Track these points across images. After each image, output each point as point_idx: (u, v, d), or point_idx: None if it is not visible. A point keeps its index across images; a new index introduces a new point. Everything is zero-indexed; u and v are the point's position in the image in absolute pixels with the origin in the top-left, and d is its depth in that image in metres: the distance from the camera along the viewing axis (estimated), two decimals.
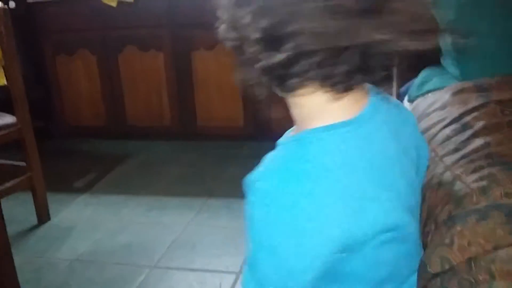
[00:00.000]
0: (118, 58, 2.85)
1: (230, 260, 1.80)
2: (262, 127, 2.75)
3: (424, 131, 0.89)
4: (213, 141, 2.91)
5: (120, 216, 2.19)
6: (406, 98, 1.23)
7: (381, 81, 0.59)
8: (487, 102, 0.84)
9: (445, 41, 1.12)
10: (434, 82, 1.13)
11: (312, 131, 0.61)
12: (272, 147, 2.61)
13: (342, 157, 0.58)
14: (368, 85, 0.62)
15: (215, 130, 2.85)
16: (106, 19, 2.79)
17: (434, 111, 0.91)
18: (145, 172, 2.67)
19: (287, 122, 2.15)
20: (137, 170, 2.71)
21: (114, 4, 2.69)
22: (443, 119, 0.86)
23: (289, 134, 0.73)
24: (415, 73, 1.31)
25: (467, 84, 0.93)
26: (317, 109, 0.61)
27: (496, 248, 0.52)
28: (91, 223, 2.15)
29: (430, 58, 1.31)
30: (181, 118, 2.88)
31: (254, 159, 2.67)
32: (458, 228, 0.58)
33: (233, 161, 2.74)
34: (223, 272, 1.76)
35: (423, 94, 1.13)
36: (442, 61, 1.20)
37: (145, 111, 2.92)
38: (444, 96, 0.93)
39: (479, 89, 0.89)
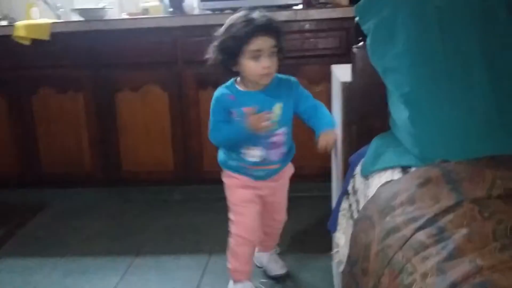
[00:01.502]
0: (32, 99, 2.58)
1: None
2: (194, 170, 2.59)
3: (391, 231, 0.78)
4: (141, 187, 2.69)
5: (32, 284, 1.92)
6: (358, 172, 1.13)
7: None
8: (461, 201, 0.74)
9: (400, 114, 1.03)
10: (390, 157, 1.03)
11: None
12: (205, 190, 2.43)
13: None
14: None
15: (142, 175, 2.63)
16: (19, 58, 2.52)
17: (400, 205, 0.80)
18: (62, 226, 2.40)
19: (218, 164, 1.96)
20: (54, 224, 2.43)
21: (27, 42, 2.43)
22: (414, 219, 0.75)
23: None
24: (363, 141, 1.22)
25: (433, 171, 0.84)
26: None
27: None
28: None
29: (377, 127, 1.23)
30: (103, 164, 2.64)
31: (187, 204, 2.50)
32: None
33: (163, 209, 2.55)
34: None
35: (378, 170, 1.04)
36: (394, 131, 1.11)
37: (63, 156, 2.65)
38: (410, 186, 0.82)
39: (449, 180, 0.80)
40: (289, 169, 1.69)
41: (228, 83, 1.58)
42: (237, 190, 1.63)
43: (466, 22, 1.04)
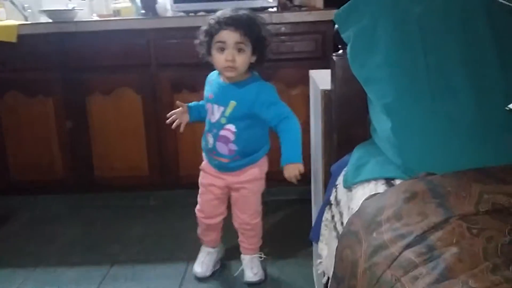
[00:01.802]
0: None
1: None
2: (169, 174, 2.55)
3: (378, 248, 0.76)
4: (115, 193, 2.63)
5: None
6: (340, 182, 1.12)
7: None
8: (449, 217, 0.73)
9: (383, 124, 1.02)
10: (373, 168, 1.02)
11: None
12: (182, 195, 2.42)
13: None
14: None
15: (116, 180, 2.57)
16: None
17: (387, 220, 0.79)
18: (33, 235, 2.32)
19: (195, 167, 1.98)
20: (24, 234, 2.36)
21: None
22: (401, 236, 0.74)
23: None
24: (344, 149, 1.21)
25: (419, 185, 0.83)
26: None
27: None
28: None
29: (358, 135, 1.23)
30: (75, 169, 2.56)
31: (163, 210, 2.47)
32: None
33: (138, 215, 2.50)
34: None
35: (361, 181, 1.02)
36: (376, 140, 1.10)
37: (33, 162, 2.56)
38: (396, 201, 0.81)
39: (435, 195, 0.79)
40: (251, 173, 1.72)
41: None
42: (202, 172, 1.81)
43: (447, 31, 1.04)
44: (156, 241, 2.21)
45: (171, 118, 1.76)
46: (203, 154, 1.80)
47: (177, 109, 1.77)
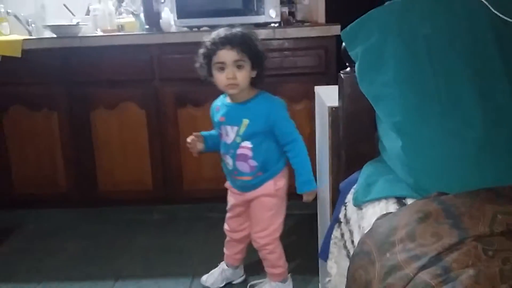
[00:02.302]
0: (3, 118, 2.49)
1: None
2: (173, 189, 2.55)
3: (392, 269, 0.76)
4: (118, 207, 2.63)
5: None
6: (350, 200, 1.12)
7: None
8: (464, 238, 0.73)
9: (392, 143, 1.03)
10: (383, 186, 1.02)
11: None
12: (185, 210, 2.42)
13: None
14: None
15: (120, 194, 2.57)
16: None
17: (400, 241, 0.79)
18: (37, 250, 2.31)
19: (199, 182, 2.01)
20: (28, 248, 2.35)
21: None
22: (416, 257, 0.74)
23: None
24: (352, 166, 1.22)
25: (432, 205, 0.83)
26: None
27: None
28: None
29: (366, 153, 1.23)
30: (79, 183, 2.56)
31: (167, 225, 2.46)
32: None
33: (142, 229, 2.49)
34: None
35: (372, 200, 1.03)
36: (386, 158, 1.10)
37: (37, 176, 2.56)
38: (409, 221, 0.81)
39: (448, 215, 0.79)
40: (265, 186, 1.72)
41: (224, 94, 1.74)
42: (228, 192, 1.84)
43: (454, 50, 1.05)
44: (160, 255, 2.20)
45: (188, 145, 1.78)
46: (226, 177, 1.82)
47: (193, 137, 1.78)
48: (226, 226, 1.89)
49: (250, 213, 1.80)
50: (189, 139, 1.76)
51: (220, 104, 1.74)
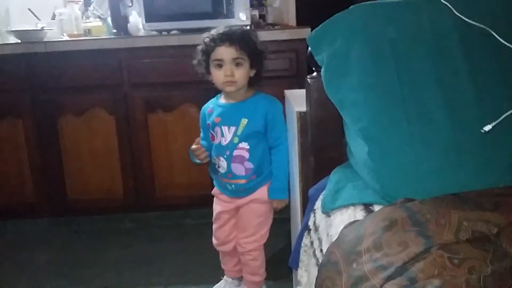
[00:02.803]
0: None
1: None
2: (145, 196, 2.50)
3: (358, 281, 0.75)
4: (88, 216, 2.57)
5: None
6: (319, 207, 1.10)
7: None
8: (430, 247, 0.72)
9: (359, 148, 1.02)
10: (350, 193, 1.01)
11: None
12: (158, 217, 2.35)
13: None
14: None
15: (90, 203, 2.51)
16: None
17: (367, 251, 0.77)
18: (4, 262, 2.24)
19: (171, 188, 1.97)
20: None
21: None
22: (382, 267, 0.73)
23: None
24: (321, 172, 1.20)
25: (398, 213, 0.82)
26: None
27: None
28: None
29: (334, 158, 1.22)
30: (47, 193, 2.49)
31: (139, 233, 2.39)
32: None
33: (114, 239, 2.43)
34: None
35: (339, 207, 1.01)
36: (353, 164, 1.09)
37: (3, 186, 2.48)
38: (375, 229, 0.80)
39: (414, 223, 0.78)
40: (259, 192, 1.66)
41: (216, 96, 1.71)
42: (215, 200, 1.78)
43: (420, 55, 1.04)
44: (132, 265, 2.15)
45: (195, 152, 1.69)
46: (214, 183, 1.76)
47: (198, 146, 1.68)
48: (214, 240, 1.80)
49: (238, 219, 1.74)
50: (194, 147, 1.67)
51: (213, 106, 1.69)
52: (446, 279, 0.66)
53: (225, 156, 1.63)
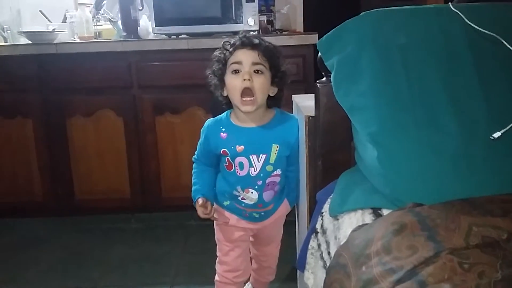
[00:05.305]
0: None
1: None
2: (151, 196, 2.52)
3: (367, 284, 0.76)
4: (96, 216, 2.59)
5: None
6: (326, 210, 1.12)
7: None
8: (440, 251, 0.73)
9: (368, 153, 1.03)
10: (359, 197, 1.02)
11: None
12: (164, 218, 2.33)
13: None
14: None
15: (97, 203, 2.54)
16: None
17: (376, 254, 0.79)
18: (12, 261, 2.26)
19: (177, 189, 1.97)
20: (2, 258, 2.29)
21: None
22: (392, 271, 0.74)
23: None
24: (329, 175, 1.21)
25: (407, 217, 0.83)
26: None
27: None
28: None
29: (342, 162, 1.23)
30: (55, 192, 2.52)
31: (145, 233, 2.39)
32: None
33: (120, 238, 2.45)
34: None
35: (348, 211, 1.02)
36: (361, 168, 1.10)
37: (12, 185, 2.51)
38: (384, 233, 0.81)
39: (424, 227, 0.79)
40: (284, 207, 1.58)
41: (223, 115, 1.47)
42: (227, 228, 1.54)
43: (429, 61, 1.05)
44: (138, 265, 2.17)
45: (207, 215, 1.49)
46: (225, 211, 1.53)
47: (207, 211, 1.48)
48: (230, 274, 1.56)
49: (259, 234, 1.61)
50: (203, 214, 1.47)
51: (227, 129, 1.43)
52: (456, 284, 0.67)
53: (256, 187, 1.44)
